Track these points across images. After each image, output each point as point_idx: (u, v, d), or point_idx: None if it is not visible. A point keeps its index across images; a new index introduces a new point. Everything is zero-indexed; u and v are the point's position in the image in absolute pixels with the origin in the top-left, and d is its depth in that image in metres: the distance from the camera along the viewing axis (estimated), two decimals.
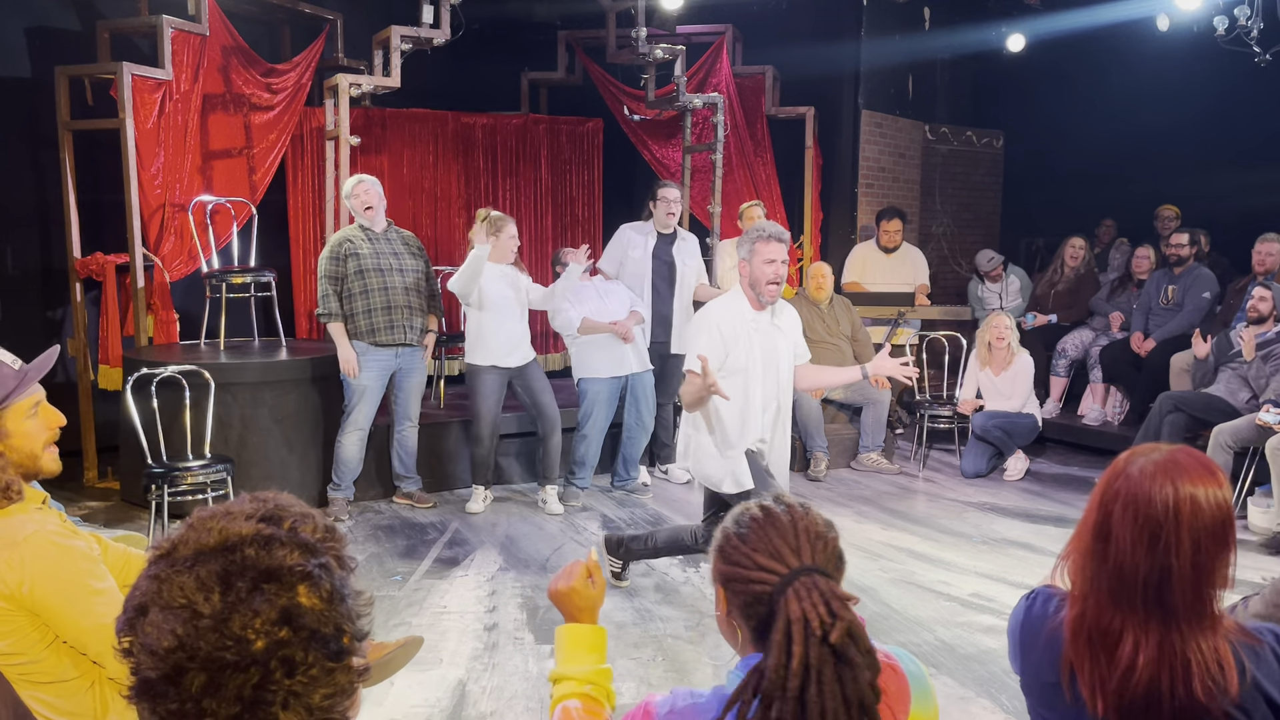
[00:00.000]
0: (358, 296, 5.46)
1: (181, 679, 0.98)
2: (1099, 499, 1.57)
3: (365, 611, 1.11)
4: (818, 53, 8.20)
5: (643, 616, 4.29)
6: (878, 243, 7.80)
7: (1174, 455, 1.54)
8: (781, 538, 1.40)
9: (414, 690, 3.55)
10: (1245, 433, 5.55)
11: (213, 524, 1.06)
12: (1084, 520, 1.60)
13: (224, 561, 1.02)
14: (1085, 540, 1.57)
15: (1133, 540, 1.50)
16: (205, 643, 0.98)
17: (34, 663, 2.00)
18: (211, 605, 0.99)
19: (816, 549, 1.40)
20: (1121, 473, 1.56)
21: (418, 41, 6.44)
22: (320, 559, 1.06)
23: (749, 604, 1.40)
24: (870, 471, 6.81)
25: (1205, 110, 8.19)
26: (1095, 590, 1.54)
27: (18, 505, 2.02)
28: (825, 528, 1.45)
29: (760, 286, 3.92)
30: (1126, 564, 1.51)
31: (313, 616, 1.02)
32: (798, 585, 1.33)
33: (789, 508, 1.46)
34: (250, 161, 6.70)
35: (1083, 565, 1.57)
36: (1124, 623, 1.51)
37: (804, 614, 1.29)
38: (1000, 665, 3.76)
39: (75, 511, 5.35)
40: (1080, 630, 1.54)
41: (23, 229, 6.51)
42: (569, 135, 8.29)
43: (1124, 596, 1.51)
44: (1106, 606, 1.53)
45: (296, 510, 1.12)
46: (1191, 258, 7.01)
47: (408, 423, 5.73)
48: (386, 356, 5.52)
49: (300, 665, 1.01)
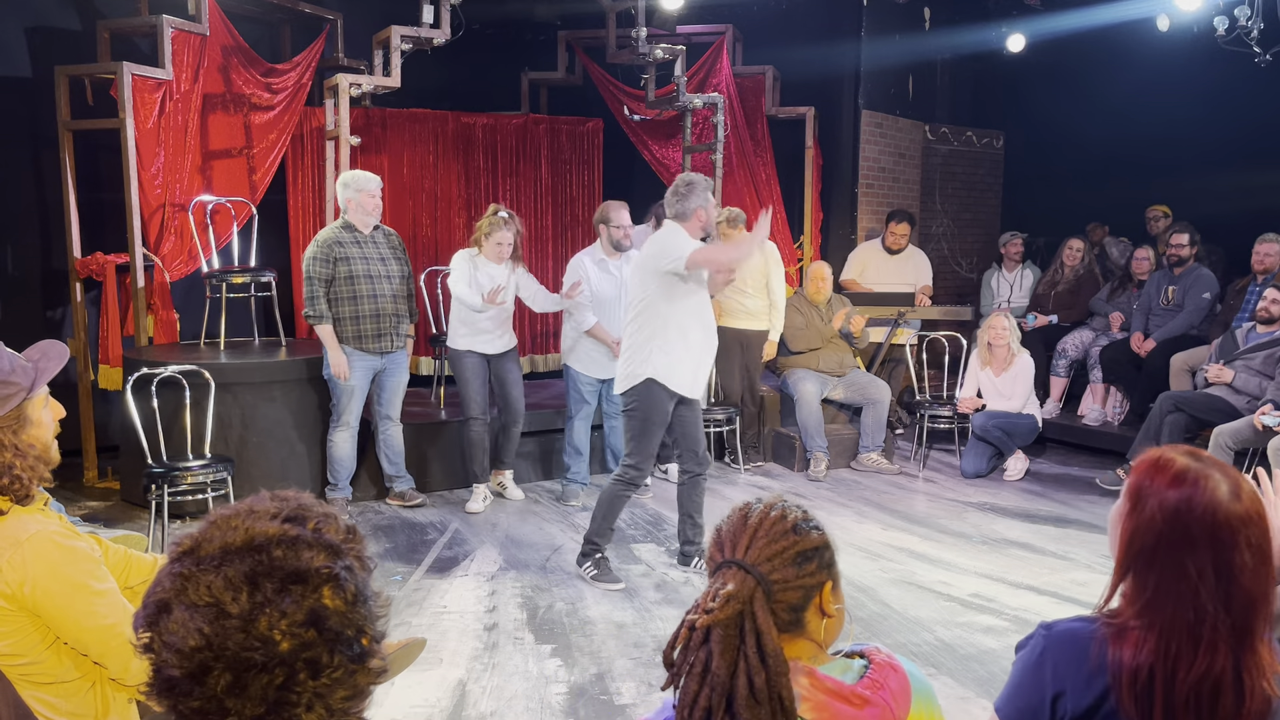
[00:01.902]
0: (345, 301, 5.45)
1: (206, 678, 0.99)
2: (1194, 533, 1.47)
3: (383, 613, 1.12)
4: (818, 53, 8.20)
5: (643, 616, 4.29)
6: (883, 244, 7.81)
7: (1215, 464, 1.52)
8: (731, 532, 1.50)
9: (414, 690, 3.55)
10: (1246, 434, 5.56)
11: (237, 522, 1.06)
12: (1166, 557, 1.49)
13: (251, 562, 1.02)
14: (1173, 576, 1.48)
15: (1255, 563, 1.45)
16: (232, 643, 0.98)
17: (35, 663, 2.00)
18: (239, 605, 0.99)
19: (758, 547, 1.46)
20: (1210, 499, 1.48)
21: (418, 41, 6.44)
22: (344, 561, 1.07)
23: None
24: (870, 472, 6.81)
25: (1206, 110, 8.19)
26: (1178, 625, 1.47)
27: (21, 505, 2.03)
28: (790, 530, 1.48)
29: (710, 228, 4.62)
30: (1237, 590, 1.45)
31: (337, 618, 1.03)
32: (720, 574, 1.45)
33: (765, 506, 1.52)
34: (250, 161, 6.70)
35: (1161, 602, 1.49)
36: (1213, 663, 1.45)
37: (700, 599, 1.43)
38: (1000, 666, 3.75)
39: (75, 511, 5.35)
40: (1170, 678, 1.46)
41: (23, 229, 6.52)
42: (569, 135, 8.30)
43: (1209, 623, 1.45)
44: (1187, 647, 1.46)
45: (319, 510, 1.12)
46: (1192, 258, 7.01)
47: (390, 422, 5.73)
48: (372, 358, 5.54)
49: (325, 667, 1.02)
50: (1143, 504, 1.53)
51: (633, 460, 4.59)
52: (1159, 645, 1.47)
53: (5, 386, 2.01)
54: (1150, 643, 1.48)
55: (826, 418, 6.86)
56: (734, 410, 6.72)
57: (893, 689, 1.47)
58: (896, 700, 1.47)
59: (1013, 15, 8.75)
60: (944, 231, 9.56)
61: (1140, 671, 1.47)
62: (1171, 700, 1.46)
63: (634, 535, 5.43)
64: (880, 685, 1.47)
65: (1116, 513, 1.61)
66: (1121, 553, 1.55)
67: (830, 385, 6.89)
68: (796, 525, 1.49)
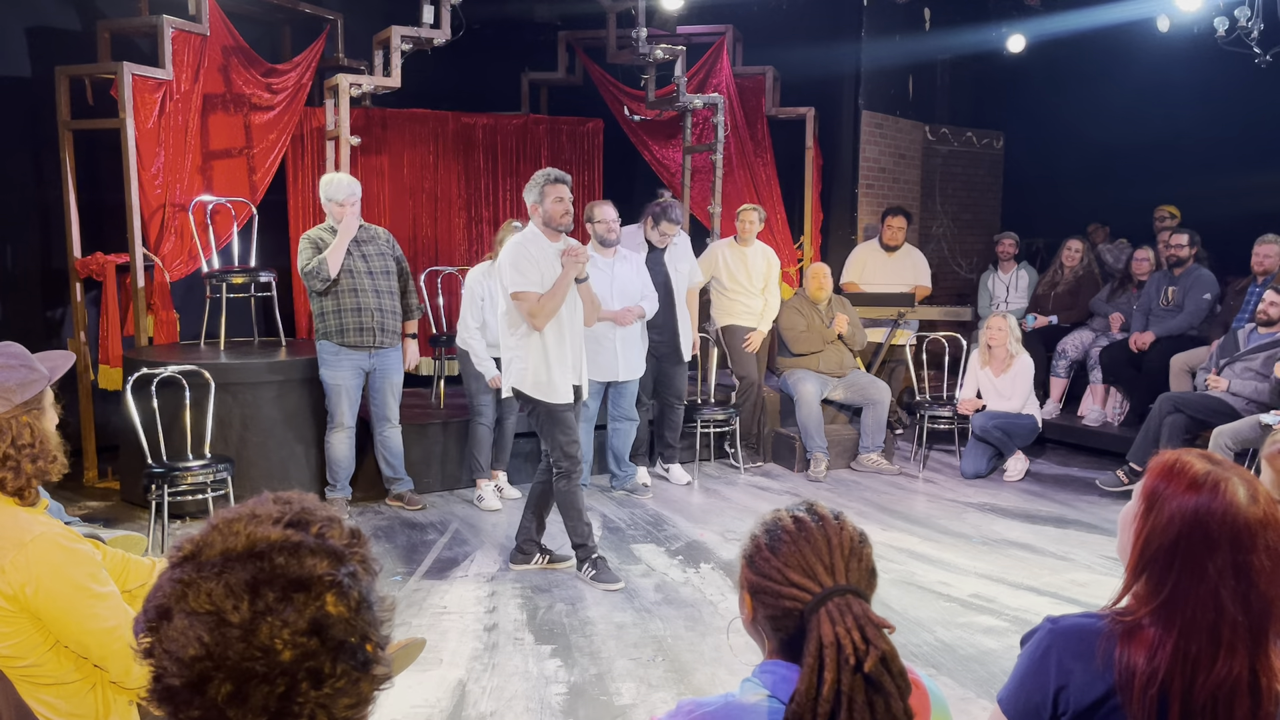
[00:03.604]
0: (327, 296, 5.43)
1: (207, 687, 0.97)
2: (1214, 536, 1.47)
3: (387, 617, 1.10)
4: (818, 53, 8.21)
5: (643, 616, 4.29)
6: (880, 241, 7.81)
7: (1232, 467, 1.51)
8: (815, 554, 1.35)
9: (414, 690, 3.55)
10: (1246, 434, 5.55)
11: (239, 527, 1.04)
12: (1186, 559, 1.49)
13: (253, 569, 1.00)
14: (1188, 579, 1.48)
15: (1272, 566, 1.45)
16: (233, 652, 0.96)
17: (36, 665, 2.00)
18: (240, 614, 0.97)
19: (851, 566, 1.35)
20: (1230, 502, 1.48)
21: (418, 42, 6.44)
22: (348, 566, 1.05)
23: (777, 618, 1.36)
24: (870, 472, 6.81)
25: (1205, 111, 8.19)
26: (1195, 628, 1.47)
27: (25, 506, 2.04)
28: (860, 542, 1.40)
29: (555, 221, 4.55)
30: (1254, 593, 1.45)
31: (341, 626, 1.01)
32: (830, 607, 1.29)
33: (823, 519, 1.41)
34: (250, 161, 6.70)
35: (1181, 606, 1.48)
36: (1232, 666, 1.45)
37: (837, 639, 1.25)
38: (1000, 666, 3.75)
39: (75, 511, 5.36)
40: (1191, 680, 1.46)
41: (23, 229, 6.51)
42: (569, 135, 8.30)
43: (1229, 628, 1.45)
44: (1207, 650, 1.46)
45: (322, 514, 1.10)
46: (1191, 258, 7.01)
47: (387, 424, 5.69)
48: (359, 356, 5.50)
49: (328, 676, 1.00)
50: (1160, 506, 1.52)
51: (555, 455, 4.57)
52: (1178, 646, 1.47)
53: (31, 372, 2.04)
54: (1169, 645, 1.47)
55: (826, 418, 6.87)
56: (733, 411, 6.73)
57: (914, 707, 1.45)
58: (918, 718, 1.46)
59: (1013, 15, 8.76)
60: (944, 232, 9.56)
61: (1156, 675, 1.47)
62: (1190, 704, 1.46)
63: (634, 535, 5.43)
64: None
65: (1129, 514, 1.60)
66: (1136, 554, 1.55)
67: (830, 386, 6.89)
68: (861, 536, 1.42)
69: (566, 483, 4.60)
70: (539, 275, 4.46)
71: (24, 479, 2.02)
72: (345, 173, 5.92)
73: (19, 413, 2.03)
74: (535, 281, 4.45)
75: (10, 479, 2.01)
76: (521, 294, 4.44)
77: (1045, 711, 1.56)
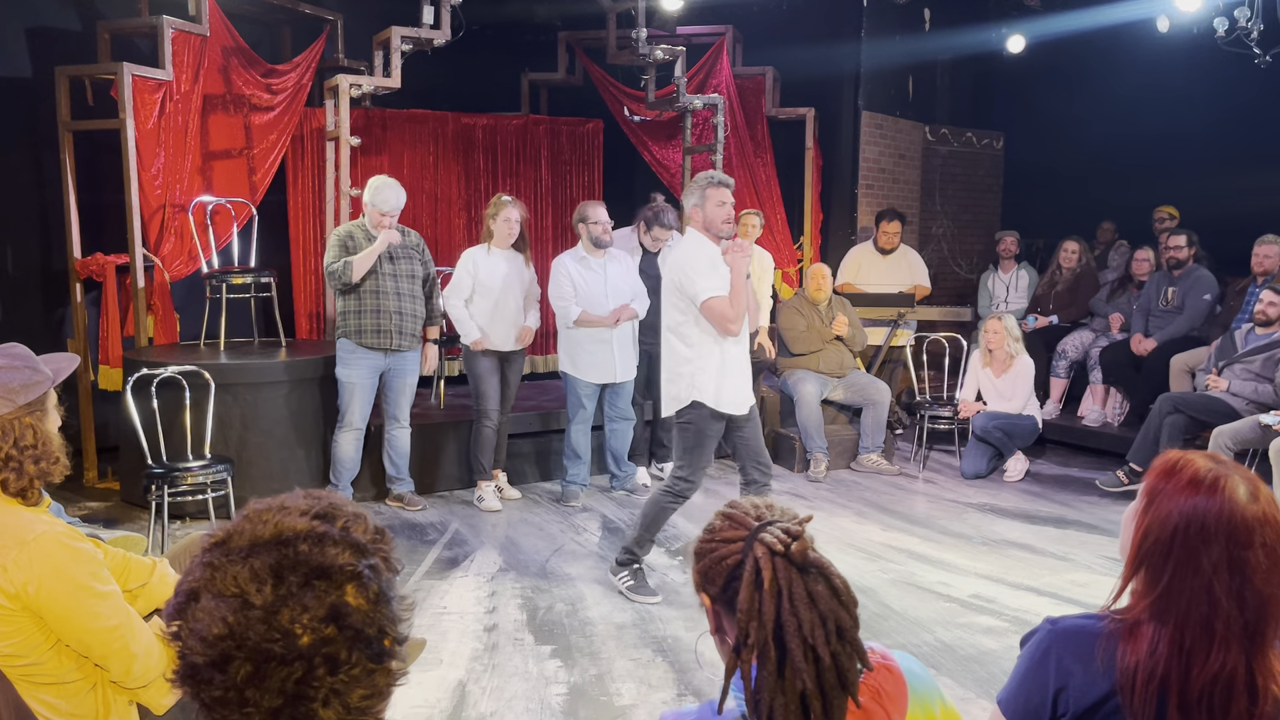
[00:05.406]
0: (350, 295, 5.45)
1: (228, 666, 1.01)
2: (1210, 530, 1.48)
3: (406, 616, 1.13)
4: (818, 54, 8.21)
5: (643, 617, 4.29)
6: (875, 244, 7.81)
7: (1233, 466, 1.52)
8: (740, 513, 1.42)
9: (414, 690, 3.55)
10: (1246, 434, 5.55)
11: (268, 516, 1.08)
12: (1181, 552, 1.50)
13: (277, 555, 1.04)
14: (1191, 580, 1.49)
15: (1269, 565, 1.46)
16: (254, 633, 1.00)
17: (36, 664, 2.00)
18: (263, 597, 1.01)
19: (775, 513, 1.40)
20: (1229, 499, 1.49)
21: (418, 42, 6.44)
22: (370, 560, 1.09)
23: (727, 588, 1.38)
24: (870, 472, 6.81)
25: (1205, 112, 8.20)
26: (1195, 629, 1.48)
27: (28, 506, 2.05)
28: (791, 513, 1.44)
29: (716, 226, 4.36)
30: (1250, 589, 1.46)
31: (359, 616, 1.05)
32: (761, 534, 1.35)
33: (752, 503, 1.48)
34: (250, 162, 6.70)
35: (1181, 604, 1.49)
36: (1226, 660, 1.46)
37: (769, 547, 1.32)
38: (1000, 666, 3.75)
39: (75, 512, 5.36)
40: (1186, 677, 1.47)
41: (23, 229, 6.51)
42: (569, 136, 8.30)
43: (1227, 628, 1.46)
44: (1201, 643, 1.47)
45: (349, 510, 1.14)
46: (1190, 259, 7.01)
47: (397, 424, 5.71)
48: (375, 355, 5.52)
49: (343, 664, 1.03)
50: (1160, 501, 1.54)
51: (683, 473, 4.46)
52: (1174, 639, 1.48)
53: (34, 374, 2.05)
54: (1165, 639, 1.48)
55: (826, 418, 6.87)
56: None
57: (889, 692, 1.44)
58: (893, 704, 1.45)
59: (1013, 16, 8.76)
60: (944, 232, 9.56)
61: (1155, 670, 1.47)
62: (1186, 698, 1.46)
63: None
64: (877, 691, 1.42)
65: (1131, 512, 1.61)
66: (1134, 548, 1.55)
67: (830, 386, 6.90)
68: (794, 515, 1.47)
69: (672, 500, 4.49)
70: (721, 279, 4.30)
71: (26, 480, 2.03)
72: (393, 179, 5.62)
73: (22, 414, 2.03)
74: (720, 286, 4.27)
75: (13, 480, 2.02)
76: (714, 299, 4.25)
77: (1045, 712, 1.56)
